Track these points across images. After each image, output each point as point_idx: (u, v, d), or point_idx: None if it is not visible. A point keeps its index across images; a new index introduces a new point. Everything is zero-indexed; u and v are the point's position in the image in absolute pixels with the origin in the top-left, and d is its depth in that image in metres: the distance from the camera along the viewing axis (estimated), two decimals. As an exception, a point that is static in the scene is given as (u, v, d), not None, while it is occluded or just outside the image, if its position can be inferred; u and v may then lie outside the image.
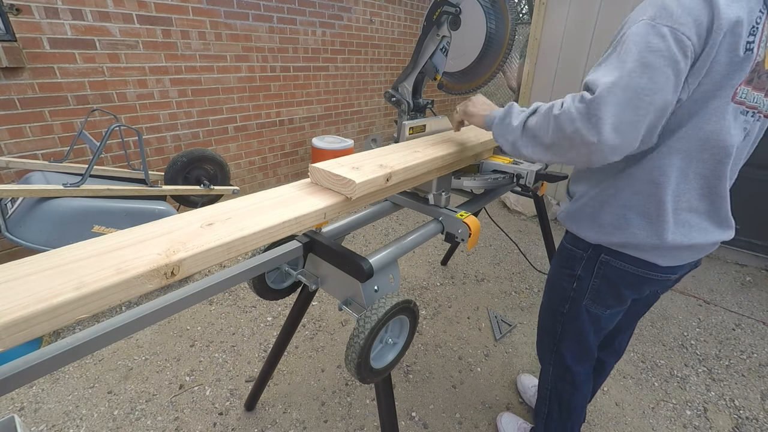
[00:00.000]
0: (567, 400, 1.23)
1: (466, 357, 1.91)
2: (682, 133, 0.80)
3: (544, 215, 1.93)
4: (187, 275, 0.61)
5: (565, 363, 1.18)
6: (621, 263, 0.95)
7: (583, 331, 1.10)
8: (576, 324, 1.10)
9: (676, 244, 0.88)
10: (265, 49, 3.27)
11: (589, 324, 1.08)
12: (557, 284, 1.12)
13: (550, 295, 1.17)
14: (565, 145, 0.76)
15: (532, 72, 3.47)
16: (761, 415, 1.67)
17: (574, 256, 1.04)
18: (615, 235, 0.93)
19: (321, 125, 4.03)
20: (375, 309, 0.86)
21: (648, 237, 0.89)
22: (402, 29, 4.58)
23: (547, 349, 1.23)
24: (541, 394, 1.31)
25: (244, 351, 1.88)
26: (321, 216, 0.82)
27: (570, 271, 1.06)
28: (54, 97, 2.30)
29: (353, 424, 1.55)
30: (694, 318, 2.27)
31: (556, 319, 1.15)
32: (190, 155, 2.38)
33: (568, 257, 1.06)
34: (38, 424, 1.49)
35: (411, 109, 1.35)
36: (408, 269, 2.65)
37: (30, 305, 0.47)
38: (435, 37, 1.24)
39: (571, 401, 1.23)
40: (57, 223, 1.82)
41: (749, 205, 2.79)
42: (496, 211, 3.73)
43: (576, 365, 1.17)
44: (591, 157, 0.73)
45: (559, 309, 1.12)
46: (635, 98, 0.69)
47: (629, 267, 0.95)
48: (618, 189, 0.91)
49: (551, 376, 1.24)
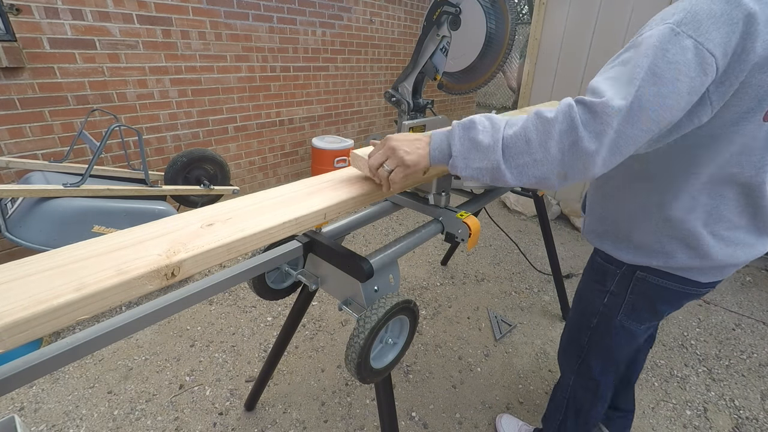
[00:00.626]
0: (587, 410, 1.20)
1: (466, 357, 1.92)
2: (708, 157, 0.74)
3: (544, 215, 1.93)
4: (187, 276, 0.61)
5: (591, 373, 1.14)
6: (660, 280, 0.90)
7: (614, 346, 1.07)
8: (606, 339, 1.06)
9: (723, 264, 0.83)
10: (265, 49, 3.27)
11: (621, 338, 1.04)
12: (587, 297, 1.09)
13: (580, 307, 1.13)
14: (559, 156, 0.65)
15: (532, 72, 3.47)
16: (761, 415, 1.67)
17: (606, 271, 1.00)
18: (654, 257, 0.87)
19: (321, 125, 4.03)
20: (375, 309, 0.86)
21: (691, 259, 0.83)
22: (402, 29, 4.58)
23: (572, 359, 1.18)
24: (557, 400, 1.27)
25: (244, 351, 1.88)
26: (321, 216, 0.82)
27: (601, 286, 1.02)
28: (54, 97, 2.30)
29: (353, 424, 1.55)
30: (694, 318, 2.27)
31: (582, 332, 1.11)
32: (190, 155, 2.38)
33: (599, 271, 1.02)
34: (38, 424, 1.49)
35: (411, 109, 1.34)
36: (408, 269, 2.65)
37: (30, 306, 0.47)
38: (435, 37, 1.24)
39: (591, 411, 1.20)
40: (57, 223, 1.82)
41: (749, 205, 2.78)
42: (496, 211, 3.73)
43: (602, 376, 1.13)
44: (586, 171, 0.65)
45: (587, 322, 1.08)
46: (640, 111, 0.61)
47: (669, 284, 0.90)
48: (648, 214, 0.85)
49: (572, 385, 1.20)
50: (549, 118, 0.65)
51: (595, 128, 0.62)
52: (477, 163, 0.71)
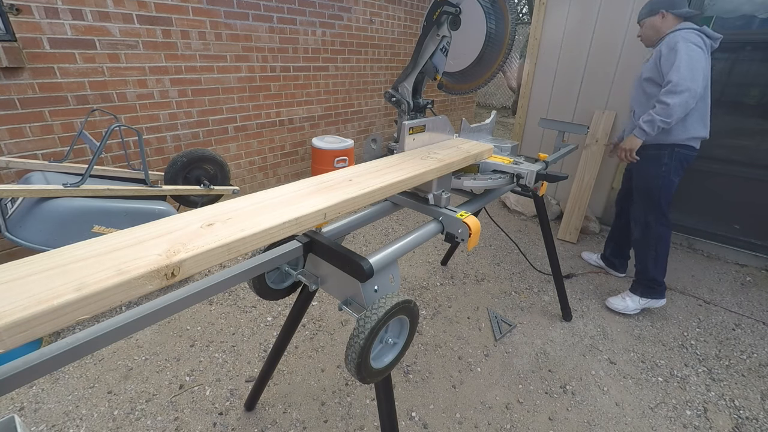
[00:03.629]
0: (667, 237, 2.11)
1: (466, 357, 1.92)
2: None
3: (544, 215, 1.93)
4: (187, 276, 0.61)
5: (663, 211, 2.07)
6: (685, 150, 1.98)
7: (670, 192, 2.04)
8: (667, 188, 2.03)
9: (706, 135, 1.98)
10: (265, 49, 3.27)
11: (672, 187, 2.03)
12: (649, 173, 2.06)
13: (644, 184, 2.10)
14: None
15: (532, 72, 3.47)
16: (761, 415, 1.67)
17: (660, 154, 2.01)
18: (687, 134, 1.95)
19: (321, 125, 4.03)
20: (375, 309, 0.86)
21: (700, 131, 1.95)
22: (402, 29, 4.58)
23: (650, 212, 2.09)
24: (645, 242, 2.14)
25: (244, 351, 1.88)
26: (321, 216, 0.82)
27: (658, 161, 2.02)
28: (54, 97, 2.30)
29: (353, 424, 1.55)
30: (694, 318, 2.27)
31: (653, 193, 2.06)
32: (190, 155, 2.38)
33: (654, 156, 2.03)
34: (38, 424, 1.49)
35: (411, 109, 1.35)
36: (408, 269, 2.65)
37: (30, 306, 0.47)
38: (435, 37, 1.24)
39: (667, 236, 2.11)
40: (57, 223, 1.82)
41: (749, 205, 2.79)
42: (496, 211, 3.73)
43: (668, 212, 2.08)
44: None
45: (655, 186, 2.04)
46: None
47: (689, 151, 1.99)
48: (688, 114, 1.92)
49: (654, 228, 2.09)
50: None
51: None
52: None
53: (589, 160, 3.14)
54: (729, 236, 2.93)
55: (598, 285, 2.55)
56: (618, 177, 3.14)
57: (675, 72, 1.80)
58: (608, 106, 3.11)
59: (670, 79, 1.81)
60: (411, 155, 1.22)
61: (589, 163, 3.14)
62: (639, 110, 2.09)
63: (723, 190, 2.85)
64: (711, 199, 2.94)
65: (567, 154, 1.97)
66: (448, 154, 1.24)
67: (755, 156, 2.70)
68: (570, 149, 1.99)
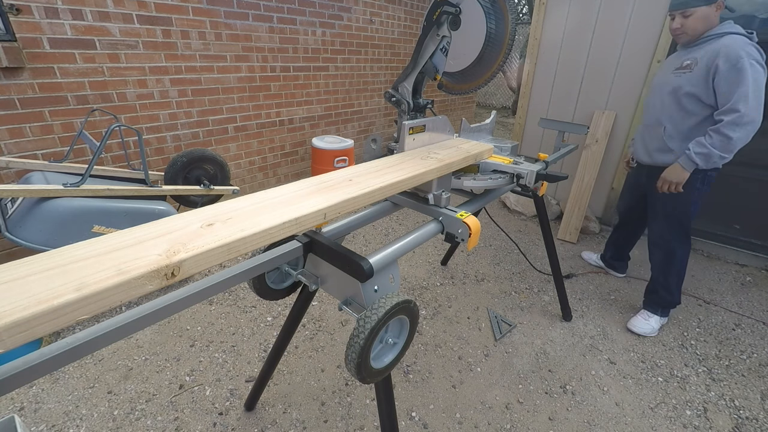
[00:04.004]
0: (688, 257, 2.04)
1: (466, 357, 1.92)
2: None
3: (544, 215, 1.93)
4: (187, 276, 0.61)
5: (688, 234, 2.00)
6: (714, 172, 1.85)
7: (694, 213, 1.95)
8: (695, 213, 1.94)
9: None
10: (265, 49, 3.27)
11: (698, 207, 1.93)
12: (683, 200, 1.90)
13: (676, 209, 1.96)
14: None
15: (532, 72, 3.47)
16: (761, 415, 1.67)
17: (695, 178, 1.82)
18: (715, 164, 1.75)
19: (321, 125, 4.03)
20: (375, 309, 0.86)
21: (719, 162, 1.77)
22: (402, 29, 4.58)
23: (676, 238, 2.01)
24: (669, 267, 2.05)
25: (244, 351, 1.88)
26: (321, 216, 0.82)
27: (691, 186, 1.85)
28: (54, 97, 2.30)
29: (353, 424, 1.55)
30: (694, 318, 2.27)
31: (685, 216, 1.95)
32: (190, 155, 2.38)
33: (691, 180, 1.82)
34: (38, 424, 1.49)
35: (411, 109, 1.34)
36: (408, 269, 2.65)
37: (30, 306, 0.47)
38: (435, 37, 1.24)
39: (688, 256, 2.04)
40: (57, 223, 1.82)
41: (749, 205, 2.79)
42: (496, 211, 3.73)
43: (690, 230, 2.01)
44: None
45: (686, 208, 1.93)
46: None
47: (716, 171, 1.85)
48: None
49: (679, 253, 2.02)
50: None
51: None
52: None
53: (589, 160, 3.14)
54: (729, 236, 2.93)
55: (598, 285, 2.55)
56: (618, 177, 3.14)
57: (743, 101, 1.56)
58: (608, 106, 3.11)
59: (737, 108, 1.57)
60: (411, 155, 1.22)
61: (589, 163, 3.14)
62: (672, 127, 1.87)
63: (723, 190, 2.85)
64: (711, 199, 2.94)
65: (567, 154, 1.97)
66: (448, 154, 1.24)
67: (755, 156, 2.70)
68: (570, 149, 1.99)
